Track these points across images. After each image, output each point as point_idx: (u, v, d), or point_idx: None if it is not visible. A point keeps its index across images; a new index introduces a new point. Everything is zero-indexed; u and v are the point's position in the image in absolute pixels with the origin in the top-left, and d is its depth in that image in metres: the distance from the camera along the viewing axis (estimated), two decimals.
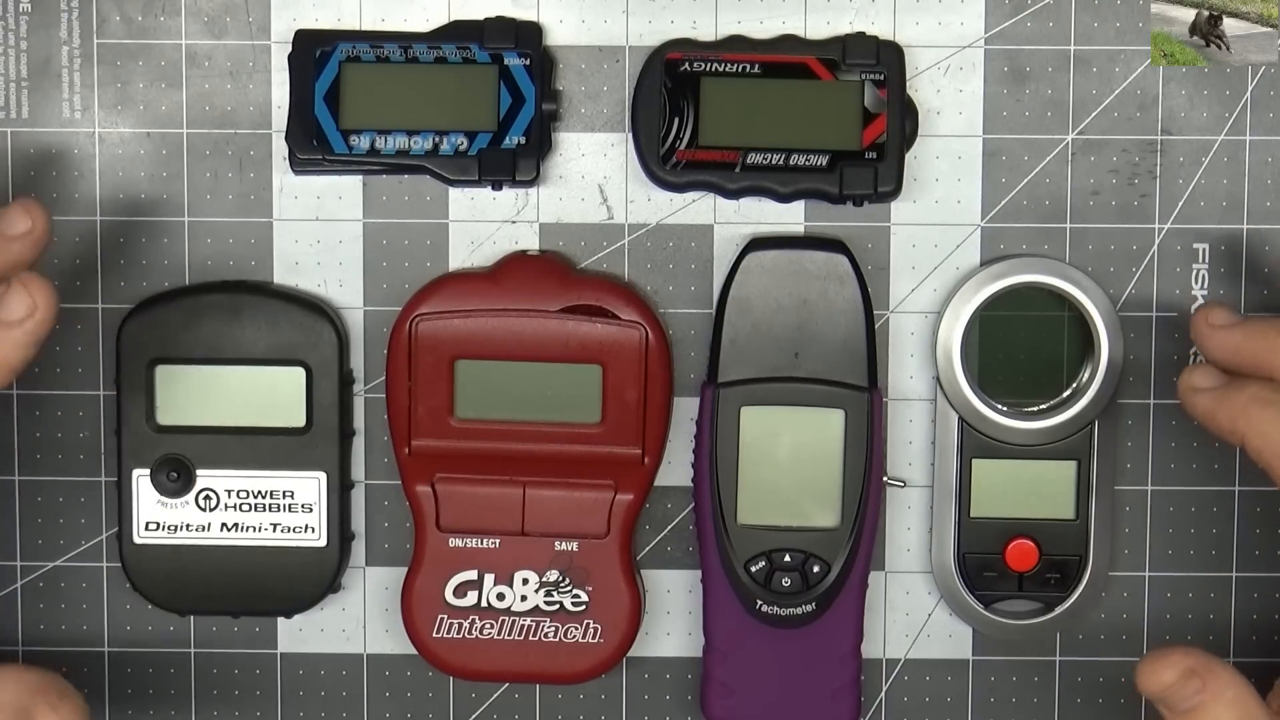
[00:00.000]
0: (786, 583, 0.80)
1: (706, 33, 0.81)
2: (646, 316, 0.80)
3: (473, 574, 0.81)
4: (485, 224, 0.82)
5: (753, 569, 0.80)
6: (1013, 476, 0.81)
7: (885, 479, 0.82)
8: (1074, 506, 0.82)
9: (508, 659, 0.81)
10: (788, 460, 0.80)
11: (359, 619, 0.84)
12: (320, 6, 0.81)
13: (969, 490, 0.82)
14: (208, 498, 0.81)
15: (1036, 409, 0.81)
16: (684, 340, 0.83)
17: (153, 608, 0.83)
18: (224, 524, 0.81)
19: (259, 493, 0.81)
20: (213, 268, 0.82)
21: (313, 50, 0.80)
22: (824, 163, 0.79)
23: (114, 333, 0.81)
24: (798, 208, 0.82)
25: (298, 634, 0.84)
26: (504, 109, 0.80)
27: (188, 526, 0.81)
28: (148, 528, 0.81)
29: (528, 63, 0.80)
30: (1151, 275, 0.82)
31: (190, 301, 0.81)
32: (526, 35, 0.80)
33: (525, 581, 0.81)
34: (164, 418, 0.81)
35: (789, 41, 0.80)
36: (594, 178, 0.82)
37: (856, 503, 0.80)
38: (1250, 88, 0.82)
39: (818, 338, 0.80)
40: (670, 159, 0.80)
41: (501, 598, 0.81)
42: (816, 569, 0.80)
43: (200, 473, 0.81)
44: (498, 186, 0.81)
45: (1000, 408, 0.81)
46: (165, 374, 0.81)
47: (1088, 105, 0.82)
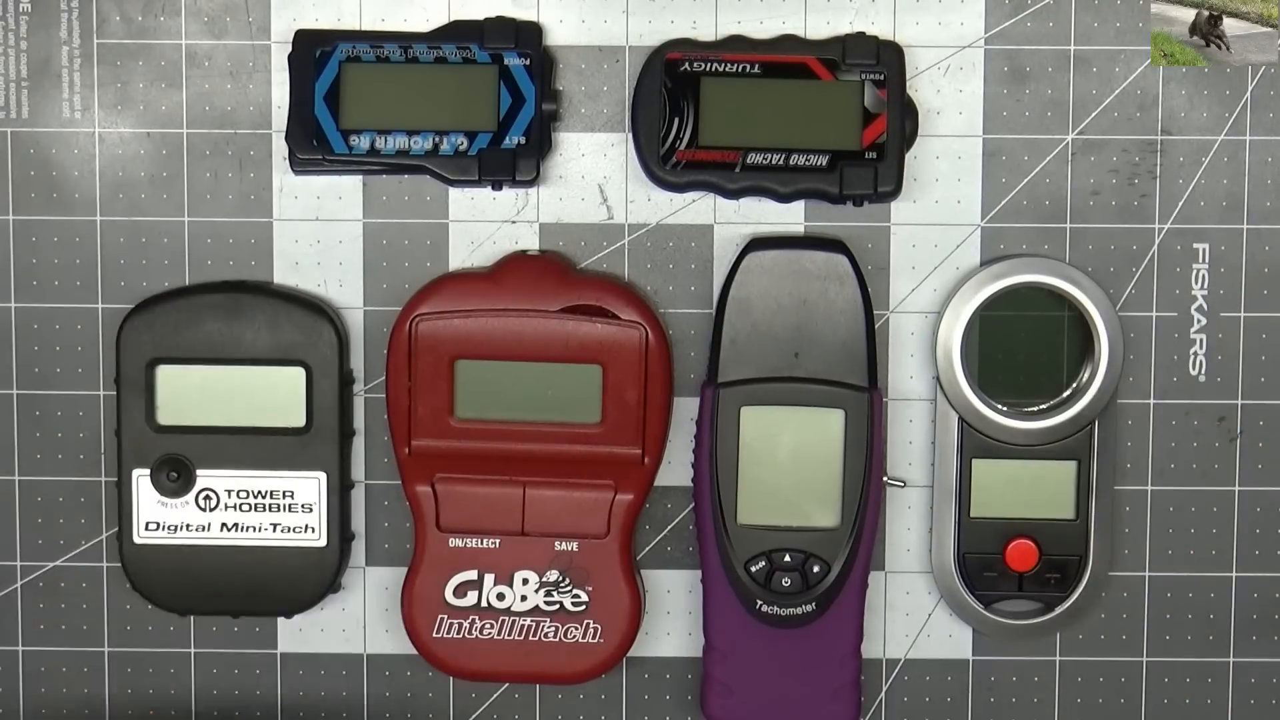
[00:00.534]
0: (786, 583, 0.80)
1: (706, 33, 0.81)
2: (646, 316, 0.80)
3: (473, 574, 0.81)
4: (485, 224, 0.82)
5: (753, 569, 0.80)
6: (1013, 476, 0.81)
7: (885, 479, 0.82)
8: (1074, 506, 0.82)
9: (508, 659, 0.81)
10: (788, 460, 0.80)
11: (359, 619, 0.84)
12: (320, 6, 0.81)
13: (969, 490, 0.81)
14: (208, 498, 0.81)
15: (1036, 409, 0.81)
16: (684, 340, 0.83)
17: (153, 608, 0.83)
18: (224, 524, 0.81)
19: (259, 493, 0.81)
20: (213, 268, 0.82)
21: (313, 50, 0.80)
22: (824, 163, 0.79)
23: (114, 333, 0.81)
24: (798, 208, 0.82)
25: (298, 634, 0.84)
26: (504, 109, 0.80)
27: (188, 526, 0.81)
28: (148, 528, 0.81)
29: (528, 63, 0.80)
30: (1151, 275, 0.82)
31: (190, 301, 0.81)
32: (526, 35, 0.80)
33: (525, 581, 0.81)
34: (164, 418, 0.81)
35: (789, 41, 0.80)
36: (594, 178, 0.82)
37: (856, 503, 0.80)
38: (1250, 88, 0.82)
39: (818, 338, 0.80)
40: (670, 159, 0.80)
41: (501, 598, 0.81)
42: (816, 569, 0.80)
43: (200, 473, 0.81)
44: (498, 186, 0.81)
45: (1000, 408, 0.81)
46: (165, 374, 0.81)
47: (1088, 105, 0.81)
